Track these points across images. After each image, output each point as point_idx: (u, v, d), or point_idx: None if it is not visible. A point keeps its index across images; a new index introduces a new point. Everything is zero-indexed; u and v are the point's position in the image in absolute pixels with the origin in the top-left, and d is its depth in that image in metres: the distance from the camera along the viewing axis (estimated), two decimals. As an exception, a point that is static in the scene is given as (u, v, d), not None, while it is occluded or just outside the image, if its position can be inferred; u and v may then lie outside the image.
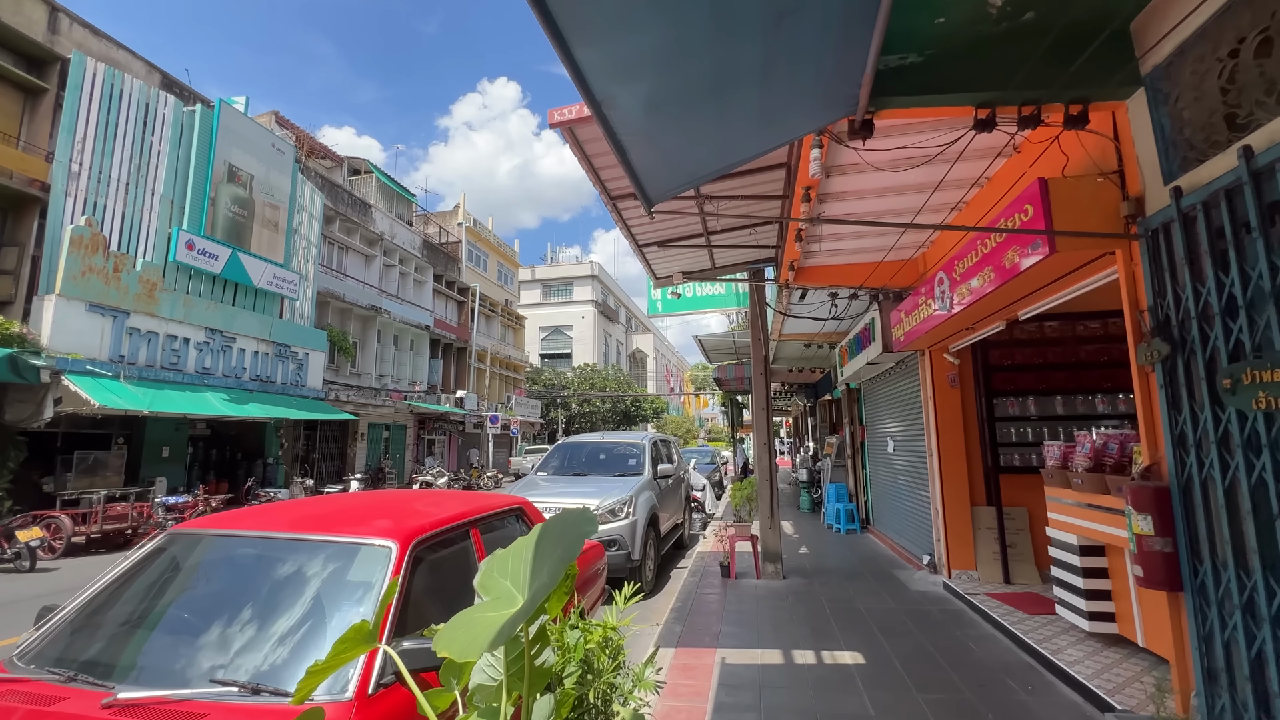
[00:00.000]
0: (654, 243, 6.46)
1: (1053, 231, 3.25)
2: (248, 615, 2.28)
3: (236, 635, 2.20)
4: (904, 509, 8.39)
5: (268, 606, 2.33)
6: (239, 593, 2.43)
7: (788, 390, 20.83)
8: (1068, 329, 6.45)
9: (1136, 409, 3.20)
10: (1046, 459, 4.82)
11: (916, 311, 5.87)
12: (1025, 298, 4.36)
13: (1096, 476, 4.05)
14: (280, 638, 2.19)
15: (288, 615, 2.28)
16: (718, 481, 18.15)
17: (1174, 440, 2.90)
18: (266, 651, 2.13)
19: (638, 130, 2.71)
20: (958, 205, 5.43)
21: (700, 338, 12.11)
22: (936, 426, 6.66)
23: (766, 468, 7.16)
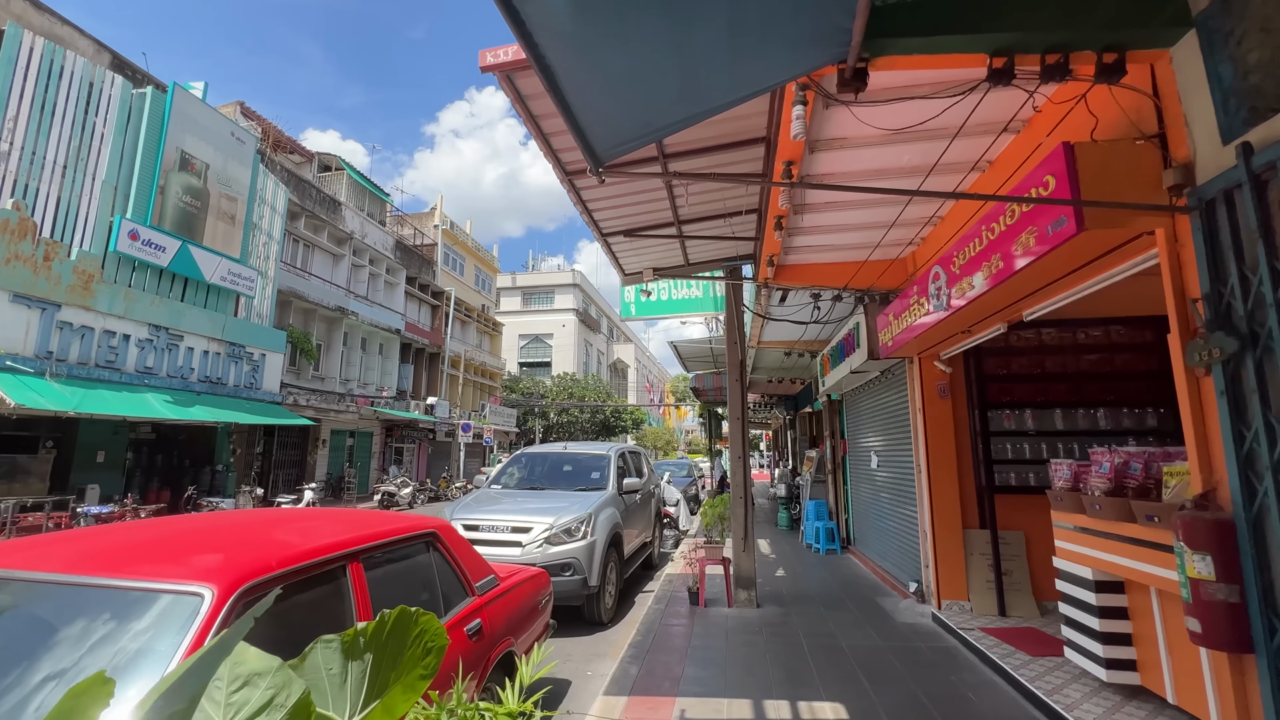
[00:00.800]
0: (620, 231, 5.83)
1: (1082, 202, 2.67)
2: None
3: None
4: (888, 529, 7.79)
5: (0, 687, 1.60)
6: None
7: (767, 402, 20.31)
8: (1068, 336, 5.94)
9: (1184, 421, 2.61)
10: (1054, 479, 4.25)
11: (907, 313, 5.31)
12: (1036, 293, 3.79)
13: (1119, 501, 3.47)
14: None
15: (22, 705, 1.55)
16: (694, 495, 17.48)
17: (1240, 461, 2.31)
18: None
19: (566, 41, 2.06)
20: (954, 194, 4.88)
21: (677, 344, 11.50)
22: (926, 441, 6.08)
23: (741, 483, 6.51)
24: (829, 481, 10.73)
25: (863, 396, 8.90)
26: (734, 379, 6.80)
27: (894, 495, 7.49)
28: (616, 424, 41.91)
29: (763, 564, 8.72)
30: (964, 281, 4.02)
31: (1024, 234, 3.19)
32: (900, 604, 6.40)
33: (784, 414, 20.26)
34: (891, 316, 5.76)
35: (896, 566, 7.32)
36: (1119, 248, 3.01)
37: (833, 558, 9.37)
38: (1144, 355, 5.76)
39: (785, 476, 14.70)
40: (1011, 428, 5.86)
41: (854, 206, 5.11)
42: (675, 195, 5.12)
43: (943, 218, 5.37)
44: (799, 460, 16.58)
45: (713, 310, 10.39)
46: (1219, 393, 2.40)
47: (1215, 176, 2.42)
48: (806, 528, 10.49)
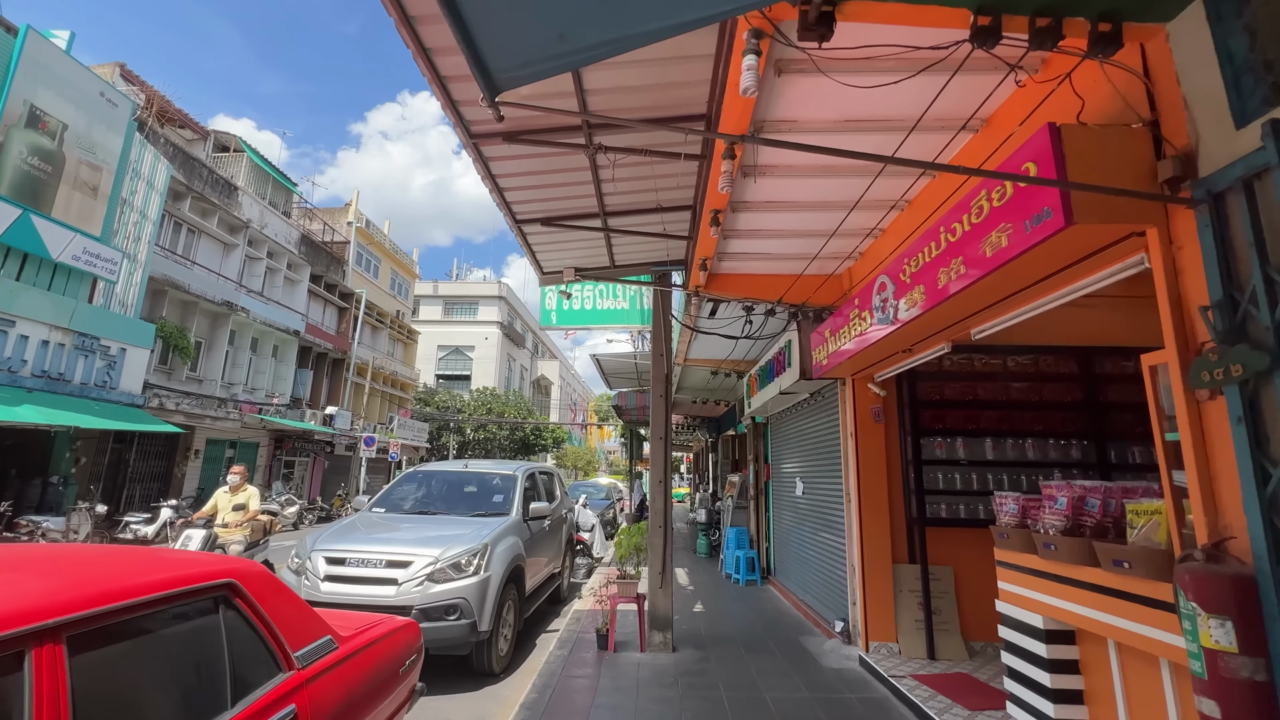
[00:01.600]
0: (537, 218, 5.10)
1: (1086, 186, 2.25)
2: None
3: None
4: (811, 561, 7.38)
5: None
6: None
7: (690, 424, 19.97)
8: (998, 363, 5.78)
9: (1185, 454, 2.20)
10: (1000, 514, 3.88)
11: (845, 329, 4.90)
12: (993, 307, 3.42)
13: (1080, 542, 3.09)
14: None
15: None
16: (611, 519, 16.70)
17: (1266, 505, 1.89)
18: None
19: None
20: (898, 202, 4.55)
21: (599, 358, 10.83)
22: (857, 468, 5.69)
23: (661, 510, 5.86)
24: (751, 508, 10.31)
25: (790, 420, 8.55)
26: (658, 395, 6.18)
27: (819, 525, 7.10)
28: (537, 442, 40.41)
29: (680, 597, 8.08)
30: (915, 291, 3.61)
31: (994, 233, 2.77)
32: (825, 645, 5.92)
33: (706, 436, 19.99)
34: (828, 333, 5.36)
35: (820, 602, 6.89)
36: (1099, 252, 2.64)
37: (753, 590, 8.88)
38: (1069, 386, 5.68)
39: (706, 501, 14.25)
40: (943, 456, 5.58)
41: (795, 209, 4.67)
42: (602, 179, 4.48)
43: (884, 230, 5.05)
44: (720, 485, 16.23)
45: (639, 323, 9.81)
46: (1234, 419, 1.99)
47: (1230, 164, 2.04)
48: (727, 556, 9.98)
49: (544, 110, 2.71)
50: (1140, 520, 2.88)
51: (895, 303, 3.93)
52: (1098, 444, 5.48)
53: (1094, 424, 5.54)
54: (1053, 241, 2.48)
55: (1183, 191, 2.24)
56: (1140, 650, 2.82)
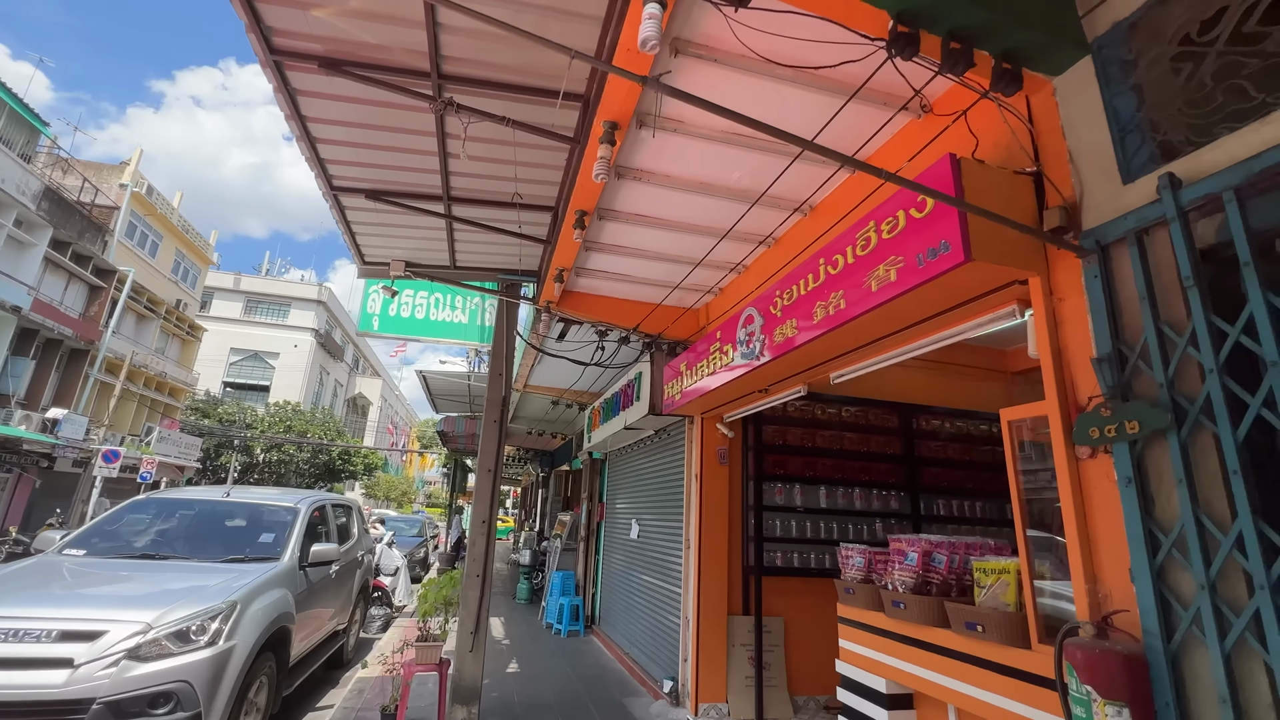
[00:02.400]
0: (361, 188, 4.13)
1: (963, 210, 2.09)
2: None
3: None
4: (641, 611, 6.91)
5: None
6: None
7: (522, 456, 18.91)
8: (834, 412, 5.95)
9: (1065, 517, 2.06)
10: (845, 567, 3.73)
11: (703, 364, 4.62)
12: (864, 348, 3.28)
13: (932, 602, 2.95)
14: None
15: None
16: (422, 559, 14.87)
17: (1156, 575, 1.75)
18: None
19: None
20: (767, 239, 4.43)
21: (426, 375, 9.54)
22: (700, 512, 5.39)
23: (481, 556, 4.97)
24: (580, 550, 9.66)
25: (630, 457, 8.16)
26: (491, 420, 5.37)
27: (653, 571, 6.68)
28: (345, 468, 35.65)
29: (493, 654, 7.07)
30: (787, 325, 3.38)
31: (882, 266, 2.58)
32: (652, 709, 5.40)
33: (538, 470, 19.06)
34: (683, 367, 5.06)
35: (649, 656, 6.40)
36: (977, 299, 2.55)
37: (576, 642, 8.15)
38: (892, 439, 6.01)
39: (531, 540, 13.29)
40: (781, 502, 5.51)
41: (664, 227, 4.32)
42: (450, 152, 3.71)
43: (747, 267, 4.93)
44: (549, 523, 15.35)
45: (478, 341, 8.85)
46: (1123, 480, 1.87)
47: (1120, 216, 1.99)
48: (550, 604, 9.15)
49: (381, 20, 1.96)
50: (988, 579, 2.80)
51: (762, 337, 3.68)
52: (912, 496, 5.81)
53: (910, 477, 5.88)
54: (943, 280, 2.31)
55: (1071, 240, 2.18)
56: (977, 715, 2.70)
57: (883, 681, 3.23)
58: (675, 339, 5.85)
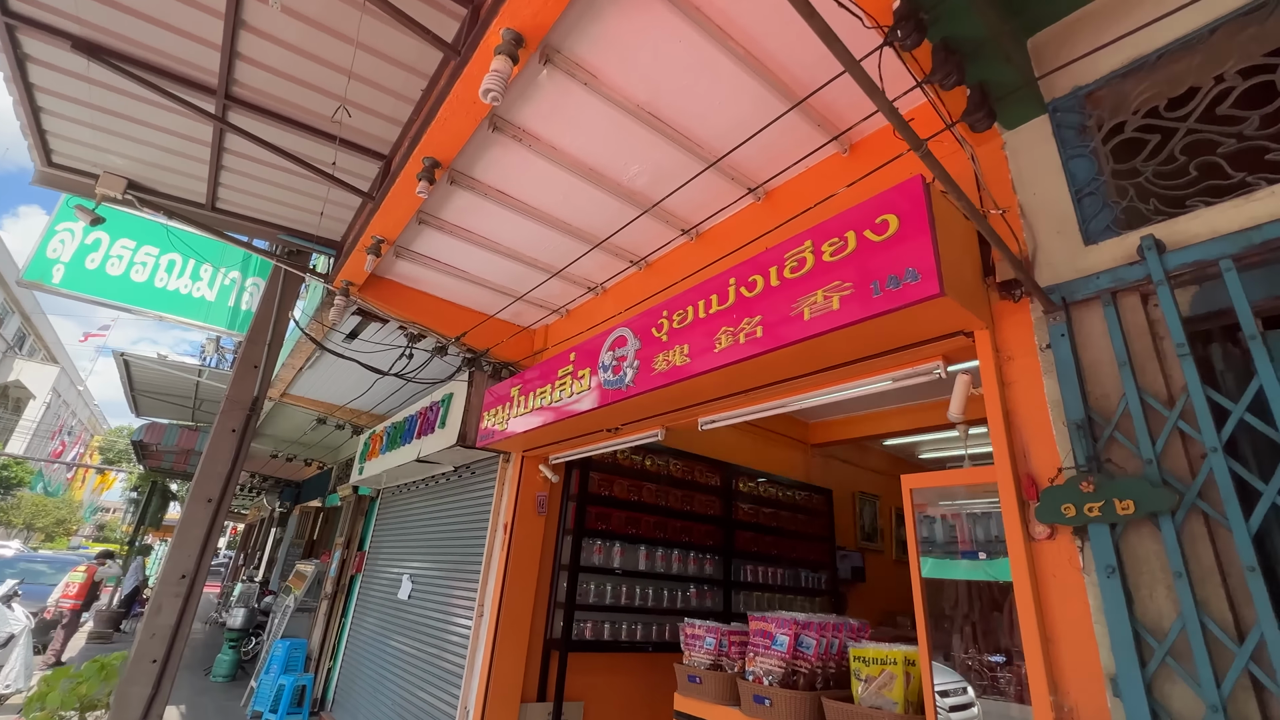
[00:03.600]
0: (69, 30, 2.60)
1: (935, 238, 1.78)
2: None
3: None
4: (397, 693, 5.48)
5: None
6: None
7: (255, 485, 15.27)
8: (661, 464, 5.53)
9: (1019, 605, 1.74)
10: (690, 648, 3.14)
11: (545, 390, 3.83)
12: (763, 388, 2.84)
13: (804, 698, 2.49)
14: None
15: None
16: (56, 621, 10.60)
17: (1147, 685, 1.46)
18: None
19: None
20: (640, 261, 3.92)
21: (128, 359, 6.78)
22: (504, 570, 4.41)
23: (169, 631, 3.30)
24: (322, 610, 7.64)
25: (414, 497, 6.75)
26: (228, 428, 3.80)
27: (425, 644, 5.36)
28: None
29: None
30: (674, 352, 2.82)
31: (820, 292, 2.19)
32: (400, 836, 4.07)
33: (275, 505, 15.55)
34: (515, 392, 4.18)
35: (400, 757, 4.99)
36: (917, 345, 2.27)
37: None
38: (714, 498, 5.78)
39: (250, 595, 10.39)
40: (599, 563, 4.81)
41: (529, 215, 3.54)
42: (244, 17, 2.50)
43: (607, 289, 4.35)
44: (281, 573, 12.32)
45: (226, 327, 6.74)
46: (1102, 571, 1.60)
47: (1092, 274, 1.85)
48: (263, 685, 6.93)
49: None
50: (868, 670, 2.45)
51: (635, 363, 3.07)
52: (725, 560, 5.58)
53: (726, 540, 5.67)
54: (903, 314, 1.98)
55: (1022, 297, 2.00)
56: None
57: (732, 798, 2.64)
58: (503, 359, 4.95)
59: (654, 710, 4.97)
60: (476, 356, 4.87)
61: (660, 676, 5.11)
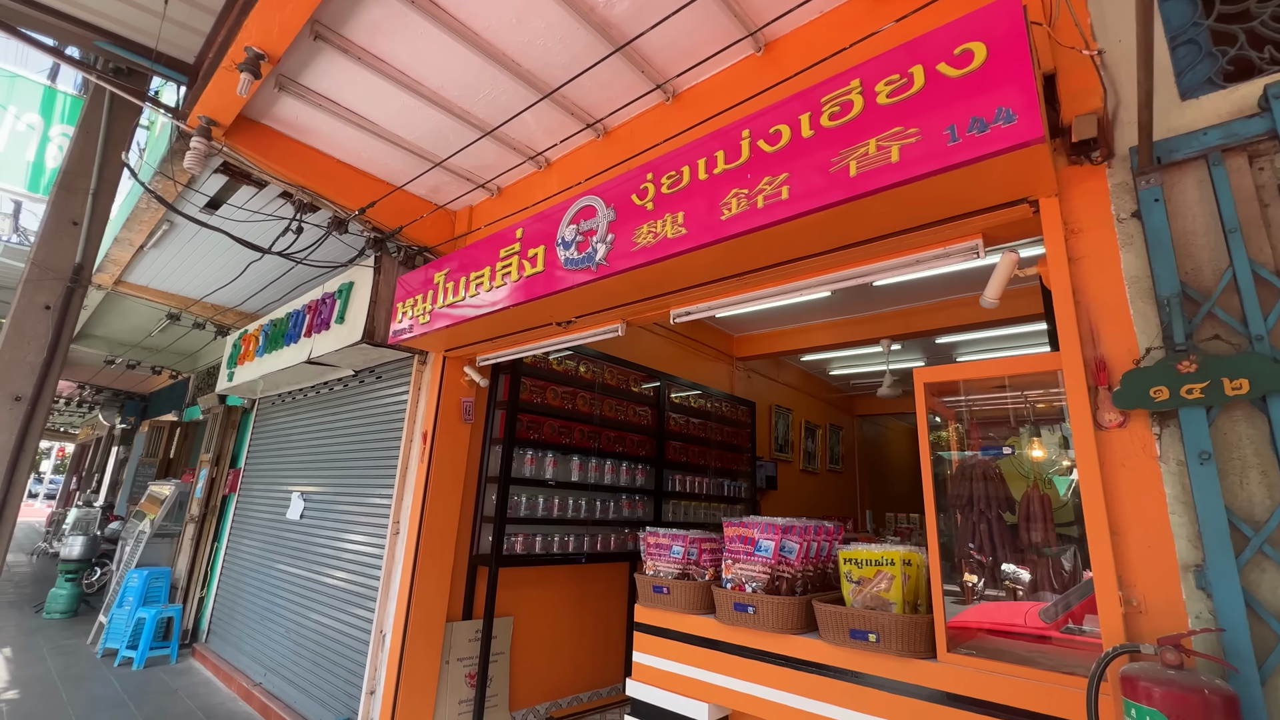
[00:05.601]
0: None
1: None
2: None
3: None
4: (290, 623, 4.89)
5: None
6: None
7: (84, 400, 12.98)
8: (597, 370, 5.12)
9: (1086, 499, 1.57)
10: (652, 558, 2.88)
11: (482, 274, 3.20)
12: (770, 269, 2.43)
13: (792, 604, 2.31)
14: None
15: None
16: None
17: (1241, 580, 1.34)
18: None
19: None
20: (597, 124, 3.29)
21: None
22: (426, 484, 3.88)
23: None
24: (188, 535, 6.65)
25: (302, 406, 5.84)
26: (38, 303, 2.82)
27: (325, 567, 4.76)
28: None
29: (-22, 725, 4.05)
30: (662, 223, 2.34)
31: (873, 141, 1.79)
32: (307, 770, 3.65)
33: (115, 420, 13.40)
34: (440, 278, 3.49)
35: (302, 687, 4.47)
36: (956, 219, 1.97)
37: (161, 675, 5.42)
38: (648, 408, 5.51)
39: (90, 521, 8.92)
40: (531, 474, 4.40)
41: (476, 46, 2.77)
42: None
43: (552, 163, 3.68)
44: (127, 497, 10.71)
45: (27, 189, 5.15)
46: (1194, 458, 1.44)
47: (1198, 130, 1.60)
48: (115, 620, 5.97)
49: None
50: (861, 572, 2.31)
51: (608, 238, 2.56)
52: (658, 471, 5.41)
53: (659, 450, 5.48)
54: (985, 167, 1.64)
55: (1098, 159, 1.74)
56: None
57: (705, 708, 2.48)
58: (417, 243, 4.17)
59: (583, 620, 4.84)
60: (384, 238, 4.05)
61: (590, 587, 4.95)
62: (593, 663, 4.87)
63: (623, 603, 5.19)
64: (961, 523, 2.20)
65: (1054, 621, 2.13)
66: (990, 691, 1.82)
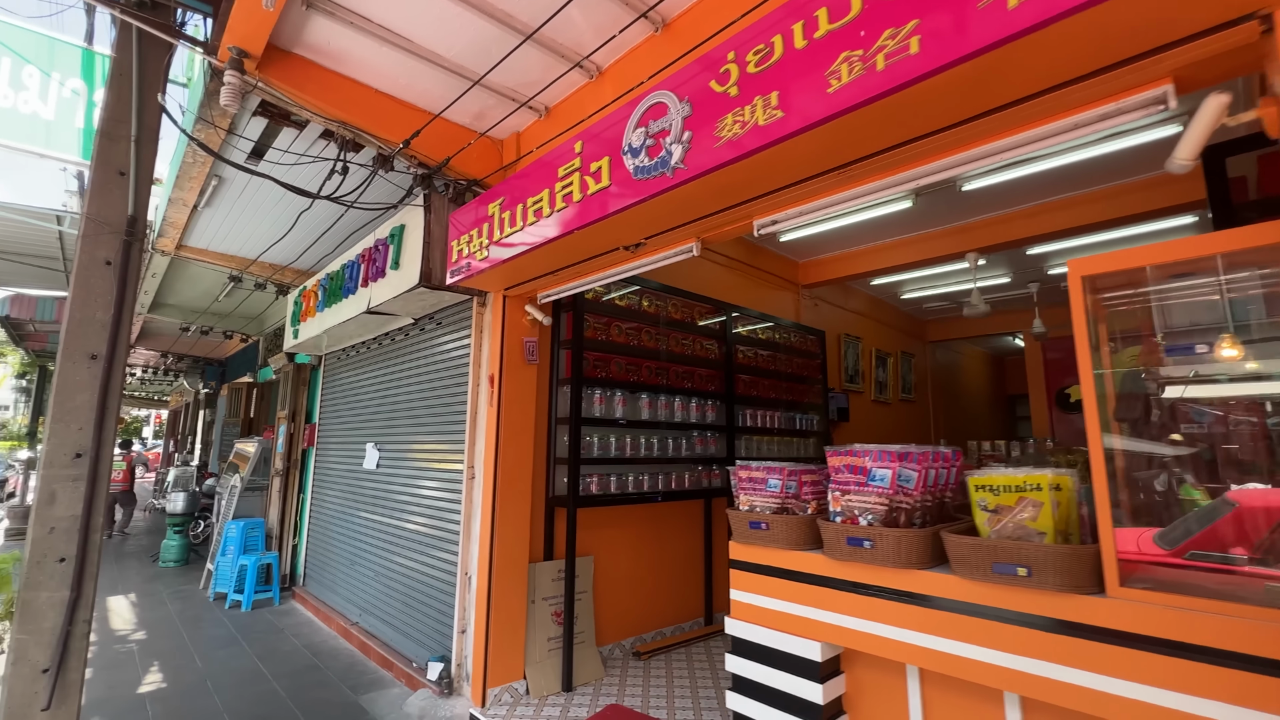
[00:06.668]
0: None
1: None
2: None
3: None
4: (383, 567, 5.04)
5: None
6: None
7: (170, 368, 13.76)
8: (661, 304, 4.84)
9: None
10: (746, 492, 2.68)
11: (539, 199, 2.93)
12: (902, 146, 2.07)
13: (921, 536, 2.07)
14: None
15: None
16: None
17: None
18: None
19: None
20: (653, 11, 2.88)
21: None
22: (498, 428, 3.79)
23: (74, 523, 2.52)
24: (275, 488, 6.97)
25: (365, 359, 5.87)
26: (99, 259, 2.75)
27: (406, 513, 4.84)
28: None
29: (112, 663, 4.39)
30: (755, 106, 1.98)
31: (1042, -45, 1.37)
32: (410, 704, 3.77)
33: (198, 386, 14.22)
34: (497, 209, 3.25)
35: (396, 626, 4.64)
36: (1138, 59, 1.54)
37: (267, 616, 5.78)
38: (715, 341, 5.24)
39: (188, 478, 9.55)
40: (601, 414, 4.25)
41: None
42: None
43: (604, 71, 3.31)
44: (218, 456, 11.42)
45: (83, 157, 5.16)
46: None
47: None
48: (220, 568, 6.39)
49: None
50: (999, 500, 2.02)
51: (684, 136, 2.22)
52: (728, 406, 5.18)
53: (727, 384, 5.22)
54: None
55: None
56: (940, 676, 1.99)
57: (817, 647, 2.31)
58: (464, 176, 3.92)
59: (660, 557, 4.78)
60: (431, 173, 3.81)
61: (666, 525, 4.87)
62: (672, 598, 4.84)
63: (699, 539, 5.11)
64: (1129, 443, 1.87)
65: (1175, 549, 1.83)
66: (1178, 630, 1.54)
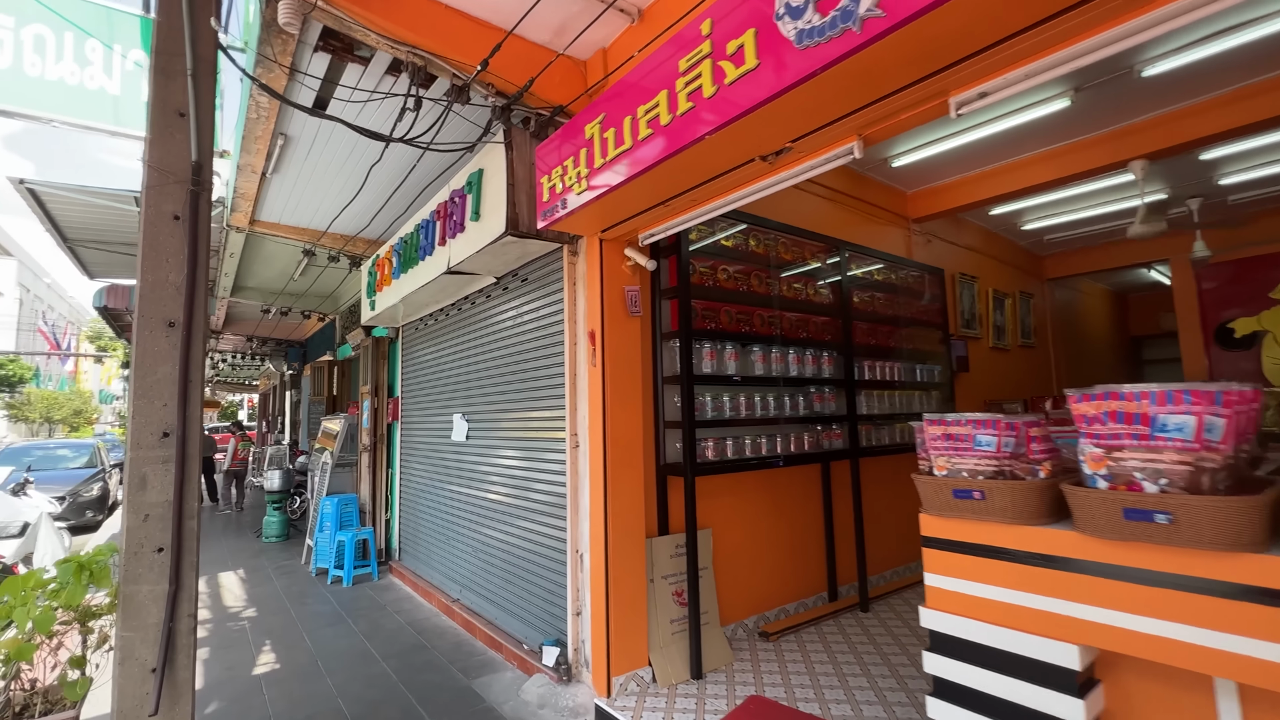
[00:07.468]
0: None
1: None
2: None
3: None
4: (483, 544, 4.80)
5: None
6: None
7: (255, 352, 14.27)
8: (770, 241, 4.23)
9: None
10: (940, 452, 2.11)
11: (655, 105, 2.38)
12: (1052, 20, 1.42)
13: (1251, 505, 1.46)
14: None
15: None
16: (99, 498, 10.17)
17: None
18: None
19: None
20: None
21: (35, 189, 5.09)
22: (604, 390, 3.34)
23: (167, 509, 2.26)
24: (364, 464, 6.92)
25: (444, 326, 5.57)
26: (166, 213, 2.44)
27: (497, 487, 4.54)
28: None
29: (226, 642, 4.36)
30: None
31: None
32: (527, 690, 3.49)
33: (283, 368, 14.72)
34: (596, 128, 2.73)
35: (500, 605, 4.39)
36: None
37: (368, 592, 5.72)
38: (829, 286, 4.60)
39: (281, 457, 9.83)
40: (712, 370, 3.74)
41: None
42: None
43: (714, -55, 2.68)
44: (307, 434, 11.75)
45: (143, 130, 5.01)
46: None
47: None
48: (319, 543, 6.41)
49: None
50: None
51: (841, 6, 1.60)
52: (846, 358, 4.55)
53: (844, 333, 4.59)
54: None
55: None
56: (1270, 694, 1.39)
57: (1074, 651, 1.75)
58: (547, 103, 3.41)
59: (779, 528, 4.29)
60: (510, 103, 3.32)
61: (784, 492, 4.35)
62: (794, 571, 4.36)
63: (818, 507, 4.58)
64: None
65: None
66: None
